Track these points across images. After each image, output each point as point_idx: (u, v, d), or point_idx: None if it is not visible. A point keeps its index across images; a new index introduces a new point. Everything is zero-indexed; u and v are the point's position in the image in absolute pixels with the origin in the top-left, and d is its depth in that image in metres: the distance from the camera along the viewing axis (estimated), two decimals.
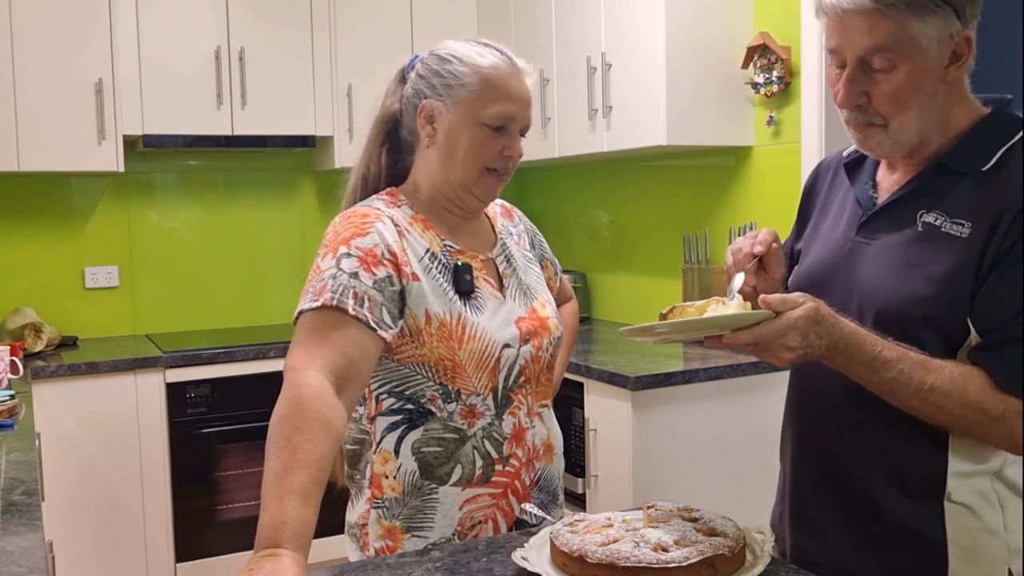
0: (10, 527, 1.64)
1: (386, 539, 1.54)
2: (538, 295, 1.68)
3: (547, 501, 1.63)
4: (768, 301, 1.27)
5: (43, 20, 3.51)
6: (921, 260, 1.38)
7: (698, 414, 2.89)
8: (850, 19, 1.35)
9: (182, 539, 3.56)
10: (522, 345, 1.56)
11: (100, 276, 4.02)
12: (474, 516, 1.54)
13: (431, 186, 1.60)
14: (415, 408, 1.52)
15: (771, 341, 1.27)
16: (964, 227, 1.36)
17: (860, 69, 1.37)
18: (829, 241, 1.54)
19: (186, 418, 3.55)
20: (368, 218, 1.51)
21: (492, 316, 1.55)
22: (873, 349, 1.32)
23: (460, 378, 1.51)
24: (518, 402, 1.57)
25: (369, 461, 1.56)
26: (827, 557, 1.49)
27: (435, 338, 1.49)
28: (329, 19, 3.97)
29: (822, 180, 1.65)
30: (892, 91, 1.37)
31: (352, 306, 1.41)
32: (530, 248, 1.76)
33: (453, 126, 1.55)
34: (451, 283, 1.54)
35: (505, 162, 1.57)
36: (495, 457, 1.54)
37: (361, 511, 1.58)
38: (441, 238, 1.58)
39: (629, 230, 4.03)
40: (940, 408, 1.33)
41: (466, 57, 1.55)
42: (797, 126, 3.12)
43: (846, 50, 1.37)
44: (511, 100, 1.54)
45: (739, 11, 3.27)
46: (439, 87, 1.55)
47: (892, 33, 1.34)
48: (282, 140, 3.96)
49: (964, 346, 1.37)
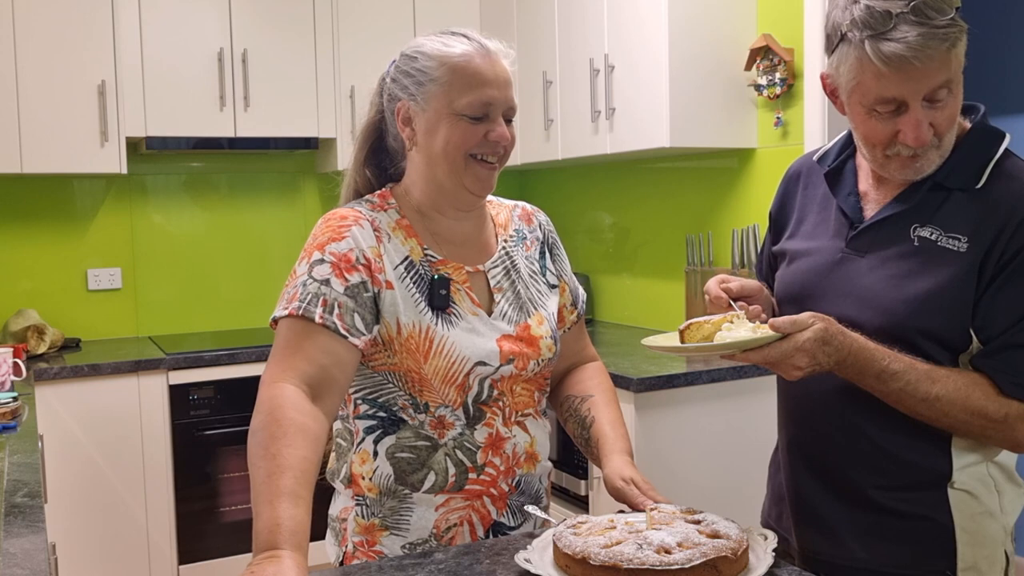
0: (13, 529, 1.64)
1: (364, 535, 1.53)
2: (536, 310, 1.60)
3: (529, 504, 1.59)
4: (776, 325, 1.33)
5: (46, 22, 3.51)
6: (920, 272, 1.41)
7: (701, 416, 2.88)
8: (922, 65, 1.32)
9: (185, 541, 3.56)
10: (503, 364, 1.51)
11: (103, 278, 4.02)
12: (449, 519, 1.52)
13: (421, 189, 1.56)
14: (387, 416, 1.51)
15: (780, 361, 1.33)
16: (961, 241, 1.40)
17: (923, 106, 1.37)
18: (815, 251, 1.55)
19: (189, 420, 3.55)
20: (346, 221, 1.49)
21: (466, 333, 1.50)
22: (881, 363, 1.37)
23: (427, 391, 1.49)
24: (492, 414, 1.52)
25: (350, 460, 1.55)
26: (838, 556, 1.52)
27: (404, 349, 1.47)
28: (332, 21, 3.98)
29: (794, 187, 1.67)
30: (952, 114, 1.40)
31: (320, 314, 1.41)
32: (539, 257, 1.67)
33: (430, 123, 1.49)
34: (425, 295, 1.50)
35: (492, 147, 1.50)
36: (468, 466, 1.51)
37: (342, 506, 1.57)
38: (423, 247, 1.53)
39: (632, 232, 4.03)
40: (945, 414, 1.38)
41: (432, 51, 1.50)
42: (800, 128, 3.12)
43: (912, 95, 1.35)
44: (485, 85, 1.47)
45: (742, 13, 3.27)
46: (410, 86, 1.51)
47: (953, 64, 1.35)
48: (285, 142, 3.96)
49: (966, 353, 1.42)
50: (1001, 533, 1.47)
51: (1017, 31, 3.69)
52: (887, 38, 1.31)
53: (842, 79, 1.40)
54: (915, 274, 1.41)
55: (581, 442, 1.66)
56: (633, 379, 2.76)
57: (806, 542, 1.57)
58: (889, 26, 1.31)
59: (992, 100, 3.92)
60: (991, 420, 1.38)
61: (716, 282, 1.53)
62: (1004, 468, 1.48)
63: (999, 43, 3.72)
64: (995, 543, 1.46)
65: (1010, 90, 3.69)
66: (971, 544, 1.44)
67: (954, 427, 1.41)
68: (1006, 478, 1.48)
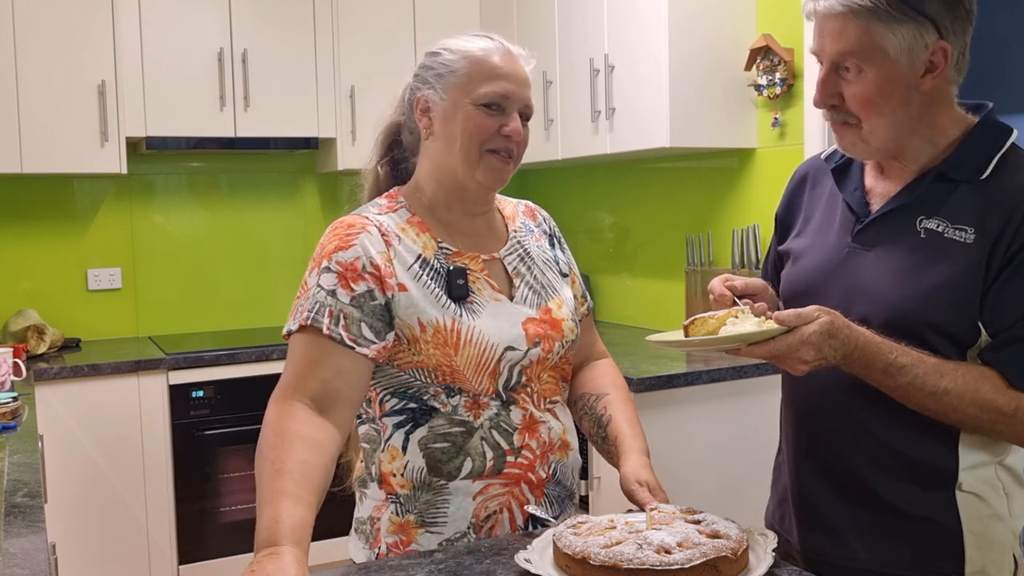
0: (13, 529, 1.64)
1: (399, 535, 1.52)
2: (555, 294, 1.63)
3: (563, 496, 1.59)
4: (781, 318, 1.32)
5: (46, 22, 3.51)
6: (927, 265, 1.41)
7: (701, 416, 2.88)
8: (825, 23, 1.41)
9: (185, 541, 3.56)
10: (530, 348, 1.53)
11: (103, 278, 4.02)
12: (488, 506, 1.51)
13: (434, 181, 1.57)
14: (418, 407, 1.51)
15: (785, 355, 1.32)
16: (968, 233, 1.39)
17: (834, 71, 1.43)
18: (822, 247, 1.55)
19: (189, 420, 3.55)
20: (353, 228, 1.50)
21: (492, 318, 1.52)
22: (888, 356, 1.36)
23: (460, 381, 1.50)
24: (523, 399, 1.54)
25: (377, 460, 1.55)
26: (840, 557, 1.51)
27: (431, 345, 1.48)
28: (332, 21, 3.98)
29: (801, 188, 1.68)
30: (860, 94, 1.42)
31: (327, 325, 1.43)
32: (549, 247, 1.71)
33: (447, 112, 1.53)
34: (444, 288, 1.51)
35: (505, 142, 1.52)
36: (506, 448, 1.51)
37: (372, 506, 1.56)
38: (437, 240, 1.55)
39: (632, 232, 4.03)
40: (954, 408, 1.37)
41: (455, 46, 1.55)
42: (800, 128, 3.12)
43: (823, 53, 1.43)
44: (502, 77, 1.52)
45: (742, 13, 3.27)
46: (431, 78, 1.55)
47: (859, 39, 1.39)
48: (285, 142, 3.96)
49: (975, 347, 1.40)
50: (1010, 537, 1.45)
51: (1017, 31, 3.69)
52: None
53: None
54: (923, 267, 1.41)
55: (597, 440, 1.66)
56: (633, 379, 2.76)
57: (809, 543, 1.56)
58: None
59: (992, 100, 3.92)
60: (1001, 414, 1.36)
61: (720, 280, 1.53)
62: (1012, 471, 1.47)
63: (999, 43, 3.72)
64: (1003, 547, 1.45)
65: (1010, 90, 3.69)
66: (979, 547, 1.43)
67: (963, 422, 1.39)
68: (1014, 481, 1.47)
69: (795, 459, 1.60)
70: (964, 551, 1.43)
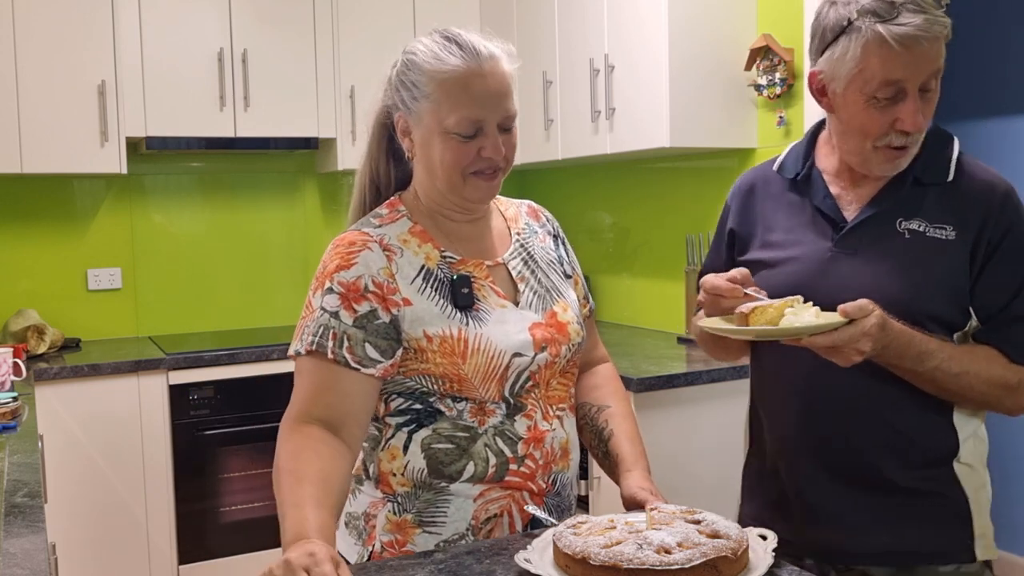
0: (13, 529, 1.64)
1: (395, 533, 1.51)
2: (560, 297, 1.61)
3: (562, 507, 1.58)
4: (846, 310, 1.37)
5: (46, 22, 3.51)
6: (918, 261, 1.50)
7: (701, 416, 2.89)
8: (928, 45, 1.43)
9: (185, 541, 3.56)
10: (537, 353, 1.52)
11: (103, 278, 4.02)
12: (489, 509, 1.50)
13: (425, 195, 1.56)
14: (423, 408, 1.50)
15: (846, 345, 1.37)
16: (947, 230, 1.50)
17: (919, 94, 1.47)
18: (800, 253, 1.59)
19: (189, 420, 3.55)
20: (355, 246, 1.49)
21: (498, 325, 1.50)
22: (920, 345, 1.44)
23: (466, 389, 1.48)
24: (531, 406, 1.52)
25: (376, 458, 1.54)
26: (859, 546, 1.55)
27: (439, 355, 1.47)
28: (332, 21, 3.98)
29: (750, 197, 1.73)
30: (933, 108, 1.50)
31: (331, 348, 1.43)
32: (554, 248, 1.69)
33: (423, 139, 1.50)
34: (449, 298, 1.50)
35: (488, 162, 1.48)
36: (509, 456, 1.50)
37: (368, 502, 1.55)
38: (440, 250, 1.53)
39: (632, 232, 4.03)
40: (971, 387, 1.48)
41: (424, 63, 1.48)
42: (800, 128, 3.12)
43: (911, 79, 1.45)
44: (473, 104, 1.45)
45: (742, 13, 3.27)
46: (406, 100, 1.50)
47: (940, 57, 1.46)
48: (285, 142, 3.96)
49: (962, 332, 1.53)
50: (988, 504, 1.58)
51: (1017, 31, 3.69)
52: (896, 23, 1.41)
53: (841, 71, 1.48)
54: (914, 263, 1.50)
55: (597, 454, 1.65)
56: (633, 379, 2.76)
57: (819, 538, 1.58)
58: (895, 14, 1.42)
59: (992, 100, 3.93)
60: (1008, 388, 1.49)
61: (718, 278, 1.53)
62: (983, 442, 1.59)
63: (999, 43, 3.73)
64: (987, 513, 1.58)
65: (1010, 90, 3.69)
66: (979, 514, 1.55)
67: (971, 399, 1.51)
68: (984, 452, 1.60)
69: (794, 460, 1.61)
70: (972, 519, 1.53)
